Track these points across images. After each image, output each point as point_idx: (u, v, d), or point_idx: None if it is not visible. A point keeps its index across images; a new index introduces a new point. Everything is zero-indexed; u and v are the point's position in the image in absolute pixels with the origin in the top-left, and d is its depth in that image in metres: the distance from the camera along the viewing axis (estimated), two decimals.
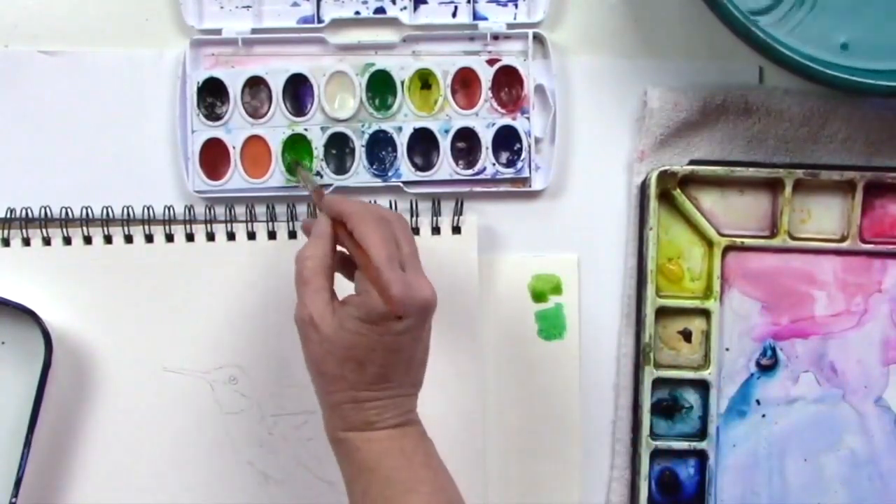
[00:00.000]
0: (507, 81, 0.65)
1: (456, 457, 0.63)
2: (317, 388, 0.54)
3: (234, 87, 0.64)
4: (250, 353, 0.64)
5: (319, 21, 0.64)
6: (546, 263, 0.65)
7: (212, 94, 0.64)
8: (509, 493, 0.65)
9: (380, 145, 0.65)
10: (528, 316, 0.65)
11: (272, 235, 0.64)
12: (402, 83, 0.64)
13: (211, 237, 0.64)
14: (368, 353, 0.51)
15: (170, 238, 0.64)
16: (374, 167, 0.64)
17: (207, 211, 0.64)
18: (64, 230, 0.63)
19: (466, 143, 0.65)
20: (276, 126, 0.64)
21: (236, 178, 0.64)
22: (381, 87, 0.64)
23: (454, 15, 0.65)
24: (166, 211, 0.64)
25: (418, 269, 0.53)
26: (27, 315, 0.61)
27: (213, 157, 0.64)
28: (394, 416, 0.53)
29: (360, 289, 0.52)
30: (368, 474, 0.52)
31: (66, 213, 0.63)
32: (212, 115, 0.64)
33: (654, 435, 0.64)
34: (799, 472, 0.66)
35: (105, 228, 0.63)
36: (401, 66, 0.64)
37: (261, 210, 0.64)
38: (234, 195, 0.64)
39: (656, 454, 0.64)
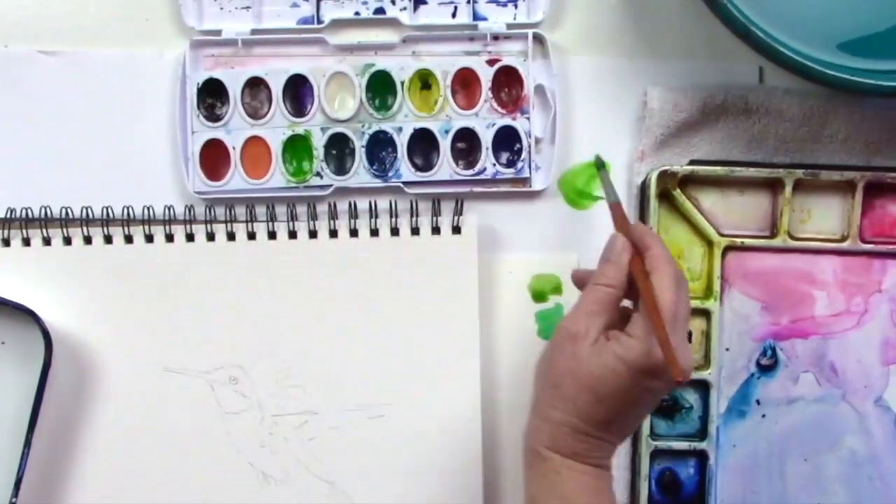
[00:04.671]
0: (507, 81, 0.65)
1: (455, 457, 0.63)
2: (539, 397, 0.54)
3: (234, 88, 0.64)
4: (250, 353, 0.64)
5: (319, 22, 0.64)
6: (546, 263, 0.65)
7: (212, 95, 0.64)
8: (509, 494, 0.65)
9: (380, 146, 0.65)
10: (528, 316, 0.65)
11: (272, 235, 0.64)
12: (402, 83, 0.64)
13: (211, 237, 0.64)
14: (611, 394, 0.51)
15: (170, 238, 0.64)
16: (375, 167, 0.64)
17: (207, 211, 0.64)
18: (64, 230, 0.63)
19: (466, 144, 0.65)
20: (276, 127, 0.64)
21: (236, 179, 0.64)
22: (381, 87, 0.64)
23: (454, 15, 0.65)
24: (166, 211, 0.64)
25: (686, 336, 0.52)
26: (27, 315, 0.61)
27: (214, 158, 0.64)
28: (601, 456, 0.53)
29: (634, 332, 0.51)
30: (560, 501, 0.52)
31: (66, 213, 0.63)
32: (212, 115, 0.64)
33: (654, 435, 0.64)
34: (799, 473, 0.66)
35: (105, 228, 0.63)
36: (401, 67, 0.64)
37: (261, 210, 0.64)
38: (234, 196, 0.64)
39: (656, 454, 0.65)
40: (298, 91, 0.65)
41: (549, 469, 0.52)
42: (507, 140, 0.64)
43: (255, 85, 0.64)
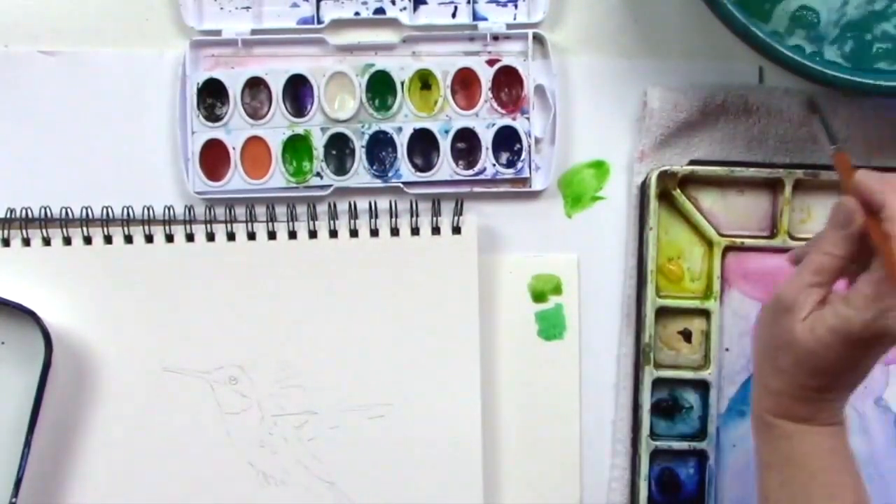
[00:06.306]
0: (507, 82, 0.65)
1: (455, 457, 0.63)
2: (758, 364, 0.52)
3: (234, 88, 0.64)
4: (250, 353, 0.64)
5: (319, 22, 0.64)
6: (546, 263, 0.65)
7: (212, 95, 0.64)
8: (509, 493, 0.65)
9: (380, 146, 0.65)
10: (528, 316, 0.65)
11: (272, 236, 0.64)
12: (402, 84, 0.64)
13: (211, 237, 0.64)
14: (829, 367, 0.48)
15: (170, 238, 0.64)
16: (375, 168, 0.64)
17: (207, 211, 0.64)
18: (64, 230, 0.63)
19: (466, 144, 0.65)
20: (276, 127, 0.64)
21: (236, 179, 0.64)
22: (380, 87, 0.64)
23: (454, 15, 0.65)
24: (166, 211, 0.64)
25: None
26: (27, 315, 0.61)
27: (214, 158, 0.64)
28: (829, 416, 0.51)
29: (854, 301, 0.47)
30: (793, 468, 0.50)
31: (66, 213, 0.63)
32: (212, 115, 0.64)
33: (654, 435, 0.64)
34: None
35: (105, 228, 0.63)
36: (401, 67, 0.64)
37: (261, 210, 0.64)
38: (234, 196, 0.64)
39: (656, 454, 0.65)
40: (298, 91, 0.65)
41: (778, 435, 0.50)
42: (507, 140, 0.64)
43: (255, 85, 0.64)
